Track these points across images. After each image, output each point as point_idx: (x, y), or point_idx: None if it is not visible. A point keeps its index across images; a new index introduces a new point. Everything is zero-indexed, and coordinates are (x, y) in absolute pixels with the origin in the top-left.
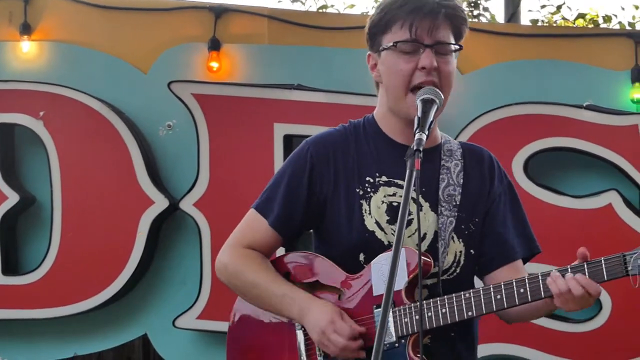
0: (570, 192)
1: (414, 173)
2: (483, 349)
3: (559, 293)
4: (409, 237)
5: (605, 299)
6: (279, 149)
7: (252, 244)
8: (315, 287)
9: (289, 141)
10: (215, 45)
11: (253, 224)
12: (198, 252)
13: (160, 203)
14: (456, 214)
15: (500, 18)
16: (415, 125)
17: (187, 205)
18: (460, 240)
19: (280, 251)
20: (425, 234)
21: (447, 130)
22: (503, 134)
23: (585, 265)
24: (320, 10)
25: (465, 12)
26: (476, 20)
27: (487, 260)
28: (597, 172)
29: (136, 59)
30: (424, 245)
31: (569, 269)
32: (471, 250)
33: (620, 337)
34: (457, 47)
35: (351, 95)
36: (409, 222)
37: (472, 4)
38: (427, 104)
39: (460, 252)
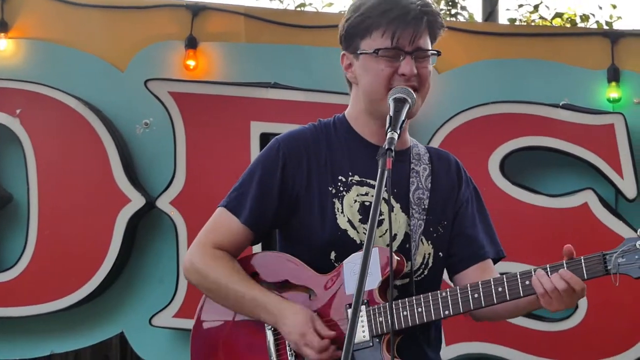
0: (547, 191)
1: (386, 172)
2: (459, 348)
3: (543, 292)
4: (380, 237)
5: None
6: (255, 148)
7: (222, 242)
8: (284, 287)
9: (266, 140)
10: (192, 44)
11: (222, 222)
12: (175, 251)
13: (136, 201)
14: (425, 217)
15: (478, 17)
16: (387, 124)
17: (163, 203)
18: (429, 242)
19: (249, 251)
20: (395, 234)
21: (424, 128)
22: (479, 132)
23: (565, 264)
24: (298, 9)
25: (442, 16)
26: (454, 19)
27: (458, 260)
28: (573, 171)
29: (113, 57)
30: (394, 246)
31: (549, 268)
32: (440, 253)
33: (596, 336)
34: (435, 53)
35: (328, 94)
36: (380, 222)
37: (450, 3)
38: (399, 103)
39: (429, 254)
